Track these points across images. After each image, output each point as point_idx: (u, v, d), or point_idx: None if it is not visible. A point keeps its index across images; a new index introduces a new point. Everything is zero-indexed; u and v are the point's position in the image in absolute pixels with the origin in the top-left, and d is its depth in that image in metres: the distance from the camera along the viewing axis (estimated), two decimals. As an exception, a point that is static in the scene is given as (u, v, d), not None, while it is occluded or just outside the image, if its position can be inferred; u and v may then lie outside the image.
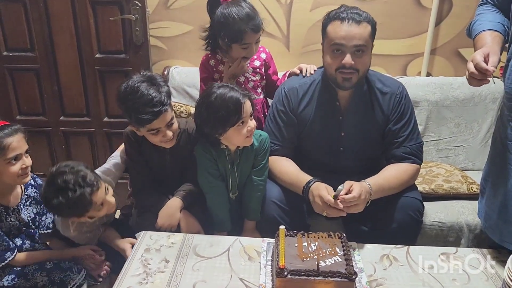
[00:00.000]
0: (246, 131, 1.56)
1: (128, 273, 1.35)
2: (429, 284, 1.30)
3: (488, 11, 1.42)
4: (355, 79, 1.59)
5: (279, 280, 1.21)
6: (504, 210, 1.36)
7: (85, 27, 2.36)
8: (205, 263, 1.40)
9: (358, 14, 1.55)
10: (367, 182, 1.53)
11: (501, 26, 1.35)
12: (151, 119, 1.53)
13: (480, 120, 2.28)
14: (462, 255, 1.44)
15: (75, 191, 1.44)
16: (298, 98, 1.72)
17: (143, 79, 1.57)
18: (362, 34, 1.54)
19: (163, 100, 1.55)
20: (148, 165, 1.78)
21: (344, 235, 1.37)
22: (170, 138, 1.63)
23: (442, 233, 1.83)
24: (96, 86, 2.49)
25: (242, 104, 1.53)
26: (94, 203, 1.49)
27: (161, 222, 1.66)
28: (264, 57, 1.96)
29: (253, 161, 1.69)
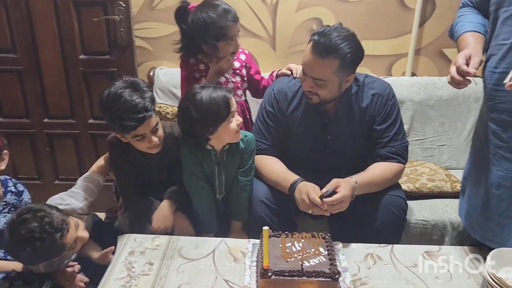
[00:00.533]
0: (236, 125, 1.57)
1: (111, 276, 1.34)
2: (412, 283, 1.32)
3: (469, 12, 1.43)
4: (316, 101, 1.60)
5: (263, 281, 1.21)
6: (484, 209, 1.38)
7: (68, 28, 2.33)
8: (190, 265, 1.39)
9: (328, 46, 1.46)
10: (353, 179, 1.55)
11: (482, 27, 1.37)
12: (136, 126, 1.51)
13: (464, 120, 2.31)
14: (445, 253, 1.45)
15: (43, 240, 1.33)
16: (287, 100, 1.72)
17: (125, 85, 1.54)
18: (322, 70, 1.50)
19: (147, 106, 1.52)
20: (134, 171, 1.76)
21: (328, 235, 1.37)
22: (156, 144, 1.61)
23: (426, 231, 1.85)
24: (80, 87, 2.46)
25: (230, 98, 1.55)
26: (66, 245, 1.40)
27: (157, 225, 1.65)
28: (244, 58, 1.96)
29: (239, 162, 1.69)
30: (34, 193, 1.82)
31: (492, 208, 1.37)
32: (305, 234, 1.36)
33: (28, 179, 2.66)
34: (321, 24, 2.39)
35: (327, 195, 1.46)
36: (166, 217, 1.67)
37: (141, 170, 1.76)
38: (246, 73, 1.96)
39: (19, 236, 1.33)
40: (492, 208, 1.37)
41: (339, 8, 2.35)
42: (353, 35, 1.53)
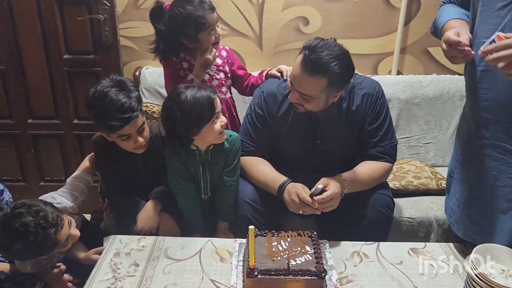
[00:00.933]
0: (220, 127, 1.56)
1: (96, 278, 1.33)
2: (398, 280, 1.32)
3: (450, 6, 1.45)
4: (303, 111, 1.60)
5: (249, 280, 1.21)
6: (467, 206, 1.40)
7: (52, 27, 2.30)
8: (176, 266, 1.38)
9: (318, 64, 1.42)
10: (342, 177, 1.55)
11: (466, 17, 1.37)
12: (121, 125, 1.50)
13: (449, 117, 2.33)
14: (430, 250, 1.47)
15: (37, 234, 1.32)
16: (277, 103, 1.70)
17: (112, 84, 1.53)
18: (309, 87, 1.48)
19: (133, 105, 1.51)
20: (120, 171, 1.74)
21: (314, 233, 1.37)
22: (142, 144, 1.60)
23: (413, 228, 1.87)
24: (65, 87, 2.43)
25: (214, 99, 1.53)
26: (59, 242, 1.40)
27: (142, 225, 1.64)
28: (225, 55, 1.95)
29: (224, 162, 1.69)
30: (19, 195, 1.80)
31: (473, 206, 1.38)
32: (291, 233, 1.36)
33: (12, 181, 2.63)
34: (307, 23, 2.40)
35: (317, 193, 1.46)
36: (151, 218, 1.66)
37: (127, 170, 1.74)
38: (229, 69, 1.95)
39: (12, 230, 1.31)
40: (474, 206, 1.38)
41: (325, 7, 2.36)
42: (345, 53, 1.48)
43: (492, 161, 1.30)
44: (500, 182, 1.29)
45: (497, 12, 1.19)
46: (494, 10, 1.20)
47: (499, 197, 1.30)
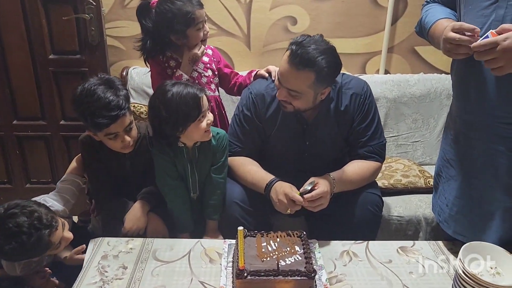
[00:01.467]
0: (206, 125, 1.56)
1: (83, 281, 1.31)
2: (387, 278, 1.33)
3: (435, 6, 1.45)
4: (291, 110, 1.59)
5: (239, 281, 1.20)
6: (456, 204, 1.41)
7: (37, 27, 2.26)
8: (165, 268, 1.37)
9: (305, 59, 1.42)
10: (331, 176, 1.55)
11: (453, 17, 1.37)
12: (108, 123, 1.48)
13: (436, 116, 2.35)
14: (419, 248, 1.47)
15: (31, 235, 1.30)
16: (265, 104, 1.69)
17: (100, 82, 1.52)
18: (297, 82, 1.48)
19: (121, 104, 1.49)
20: (107, 171, 1.72)
21: (304, 233, 1.37)
22: (129, 144, 1.58)
23: (401, 227, 1.88)
24: (51, 88, 2.39)
25: (201, 98, 1.53)
26: (52, 243, 1.37)
27: (129, 225, 1.62)
28: (210, 53, 1.95)
29: (212, 159, 1.68)
30: (4, 197, 1.77)
31: (462, 205, 1.39)
32: (280, 233, 1.35)
33: (0, 183, 2.58)
34: (295, 22, 2.39)
35: (306, 192, 1.46)
36: (139, 218, 1.64)
37: (115, 170, 1.72)
38: (215, 67, 1.95)
39: (5, 230, 1.28)
40: (463, 205, 1.39)
41: (312, 6, 2.36)
42: (332, 49, 1.49)
43: (480, 160, 1.31)
44: (489, 183, 1.30)
45: (482, 11, 1.20)
46: (479, 9, 1.21)
47: (487, 196, 1.31)
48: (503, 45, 1.07)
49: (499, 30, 1.10)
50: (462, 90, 1.32)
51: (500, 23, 1.12)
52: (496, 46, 1.07)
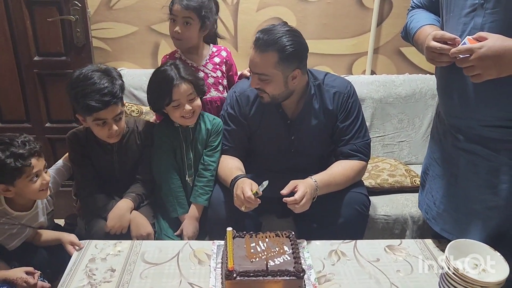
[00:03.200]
0: (181, 113, 1.67)
1: (71, 285, 1.29)
2: (375, 277, 1.34)
3: (420, 11, 1.47)
4: (267, 99, 1.62)
5: (228, 282, 1.20)
6: (444, 202, 1.43)
7: (21, 29, 2.23)
8: (154, 270, 1.37)
9: (267, 40, 1.50)
10: (313, 179, 1.56)
11: (437, 23, 1.40)
12: (99, 108, 1.52)
13: (422, 116, 2.38)
14: (406, 246, 1.49)
15: (18, 147, 1.45)
16: (249, 102, 1.73)
17: (98, 69, 1.58)
18: (264, 64, 1.54)
19: (115, 91, 1.54)
20: (94, 168, 1.73)
21: (292, 233, 1.38)
22: (116, 133, 1.61)
23: (388, 226, 1.90)
24: (36, 90, 2.36)
25: (174, 85, 1.62)
26: (31, 166, 1.46)
27: (111, 224, 1.62)
28: (224, 55, 1.98)
29: (206, 142, 1.75)
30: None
31: (449, 203, 1.41)
32: (269, 234, 1.36)
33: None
34: (282, 23, 2.41)
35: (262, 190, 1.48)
36: (122, 217, 1.64)
37: (102, 166, 1.74)
38: (226, 70, 1.99)
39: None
40: (450, 202, 1.41)
41: (299, 7, 2.37)
42: (295, 31, 1.57)
43: (466, 160, 1.33)
44: (474, 182, 1.32)
45: (462, 19, 1.22)
46: (459, 17, 1.23)
47: (473, 195, 1.33)
48: (478, 53, 1.09)
49: (476, 37, 1.12)
50: (446, 93, 1.34)
51: (478, 31, 1.15)
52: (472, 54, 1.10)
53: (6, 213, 1.54)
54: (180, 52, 1.92)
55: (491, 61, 1.09)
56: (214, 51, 1.97)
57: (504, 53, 1.08)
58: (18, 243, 1.57)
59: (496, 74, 1.11)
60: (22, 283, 1.47)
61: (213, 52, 1.96)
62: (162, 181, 1.76)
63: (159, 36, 2.42)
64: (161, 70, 1.69)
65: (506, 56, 1.08)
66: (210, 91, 1.90)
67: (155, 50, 2.46)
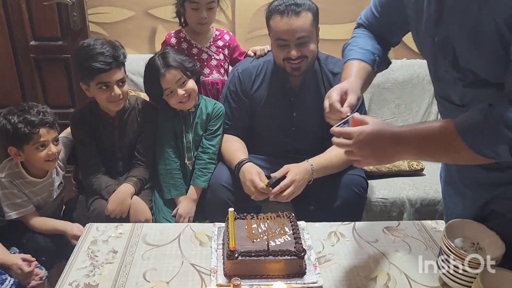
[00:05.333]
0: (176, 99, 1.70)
1: (73, 266, 1.30)
2: (374, 257, 1.36)
3: (361, 36, 1.38)
4: (304, 66, 1.64)
5: (230, 262, 1.22)
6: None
7: (16, 13, 2.22)
8: (155, 251, 1.38)
9: (296, 4, 1.55)
10: (309, 162, 1.58)
11: (370, 55, 1.31)
12: (102, 69, 1.59)
13: (419, 101, 2.40)
14: (403, 228, 1.51)
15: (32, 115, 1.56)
16: (252, 79, 1.75)
17: (102, 39, 1.70)
18: (304, 25, 1.56)
19: (117, 56, 1.63)
20: (97, 146, 1.79)
21: (292, 215, 1.39)
22: (119, 97, 1.66)
23: (386, 208, 1.92)
24: (32, 75, 2.36)
25: (160, 75, 1.67)
26: (38, 134, 1.56)
27: (112, 208, 1.65)
28: (227, 39, 2.01)
29: (206, 125, 1.79)
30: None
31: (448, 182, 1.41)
32: (270, 215, 1.37)
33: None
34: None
35: (273, 181, 1.49)
36: (123, 201, 1.67)
37: (103, 141, 1.79)
38: (228, 53, 2.01)
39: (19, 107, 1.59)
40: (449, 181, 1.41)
41: (297, -8, 2.36)
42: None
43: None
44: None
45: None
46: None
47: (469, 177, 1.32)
48: (356, 139, 1.02)
49: (360, 119, 1.06)
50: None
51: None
52: (351, 138, 1.03)
53: (21, 176, 1.64)
54: (185, 31, 1.93)
55: (369, 150, 1.03)
56: (217, 34, 1.99)
57: (381, 144, 1.01)
58: (15, 216, 1.63)
59: (375, 163, 1.08)
60: (17, 269, 1.50)
61: (216, 35, 1.98)
62: (160, 162, 1.79)
63: (156, 21, 2.41)
64: (149, 62, 1.74)
65: (382, 148, 1.01)
66: (212, 73, 1.92)
67: (152, 35, 2.45)
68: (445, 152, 0.99)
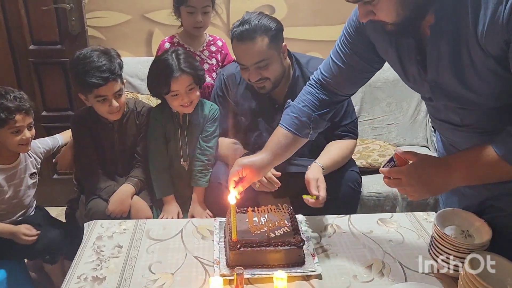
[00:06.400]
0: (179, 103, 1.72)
1: (81, 260, 1.35)
2: (369, 246, 1.42)
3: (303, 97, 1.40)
4: (269, 86, 1.68)
5: (232, 253, 1.27)
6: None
7: (15, 18, 2.26)
8: (159, 245, 1.42)
9: (250, 29, 1.56)
10: (319, 164, 1.63)
11: (296, 122, 1.37)
12: (99, 84, 1.61)
13: (409, 99, 2.47)
14: (397, 219, 1.57)
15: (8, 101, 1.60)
16: (236, 84, 1.79)
17: (97, 49, 1.68)
18: (260, 51, 1.58)
19: (113, 68, 1.64)
20: (97, 148, 1.82)
21: (291, 208, 1.45)
22: (117, 109, 1.69)
23: (379, 202, 1.99)
24: (31, 78, 2.39)
25: (173, 77, 1.67)
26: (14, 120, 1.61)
27: (112, 208, 1.68)
28: (220, 45, 2.07)
29: (202, 127, 1.81)
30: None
31: None
32: (270, 207, 1.43)
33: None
34: (273, 11, 2.46)
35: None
36: (123, 201, 1.72)
37: (103, 144, 1.82)
38: (221, 59, 2.06)
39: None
40: None
41: (290, -5, 2.43)
42: (262, 12, 1.65)
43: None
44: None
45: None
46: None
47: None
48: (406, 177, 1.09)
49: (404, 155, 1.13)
50: None
51: None
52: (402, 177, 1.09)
53: None
54: (178, 37, 1.98)
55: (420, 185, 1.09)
56: (210, 39, 2.03)
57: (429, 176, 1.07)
58: None
59: (429, 195, 1.14)
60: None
61: (209, 41, 2.03)
62: (150, 162, 1.83)
63: (153, 24, 2.46)
64: (162, 59, 1.72)
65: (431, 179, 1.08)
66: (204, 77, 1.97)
67: (149, 38, 2.50)
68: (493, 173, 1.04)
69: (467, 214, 1.32)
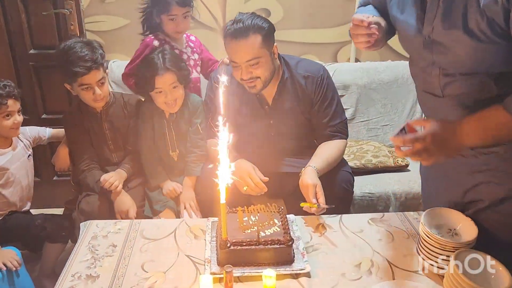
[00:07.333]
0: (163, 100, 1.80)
1: (75, 259, 1.38)
2: (359, 246, 1.44)
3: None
4: (260, 85, 1.70)
5: (222, 251, 1.29)
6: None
7: (16, 23, 2.30)
8: (153, 245, 1.45)
9: (243, 27, 1.59)
10: (312, 166, 1.64)
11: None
12: (83, 73, 1.71)
13: (404, 100, 2.49)
14: (387, 219, 1.59)
15: None
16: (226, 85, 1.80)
17: (79, 40, 1.81)
18: (252, 49, 1.61)
19: (96, 58, 1.74)
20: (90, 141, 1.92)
21: (282, 208, 1.47)
22: (100, 96, 1.79)
23: (372, 202, 2.01)
24: (31, 82, 2.43)
25: (157, 74, 1.76)
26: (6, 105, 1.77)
27: (107, 177, 1.82)
28: (194, 40, 2.13)
29: (189, 119, 1.89)
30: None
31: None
32: (260, 206, 1.45)
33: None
34: (269, 14, 2.49)
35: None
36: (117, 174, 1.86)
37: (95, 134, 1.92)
38: (199, 52, 2.12)
39: None
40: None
41: (286, -2, 2.46)
42: (254, 13, 1.68)
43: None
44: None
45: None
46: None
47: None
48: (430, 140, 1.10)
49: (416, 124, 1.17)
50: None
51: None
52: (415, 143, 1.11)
53: None
54: (163, 35, 2.02)
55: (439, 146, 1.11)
56: (185, 36, 2.10)
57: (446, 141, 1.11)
58: None
59: (443, 158, 1.16)
60: None
61: (186, 36, 2.10)
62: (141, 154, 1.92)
63: (150, 28, 2.49)
64: (149, 57, 1.81)
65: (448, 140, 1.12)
66: (192, 72, 2.03)
67: (147, 42, 2.53)
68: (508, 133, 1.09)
69: (454, 213, 1.34)
